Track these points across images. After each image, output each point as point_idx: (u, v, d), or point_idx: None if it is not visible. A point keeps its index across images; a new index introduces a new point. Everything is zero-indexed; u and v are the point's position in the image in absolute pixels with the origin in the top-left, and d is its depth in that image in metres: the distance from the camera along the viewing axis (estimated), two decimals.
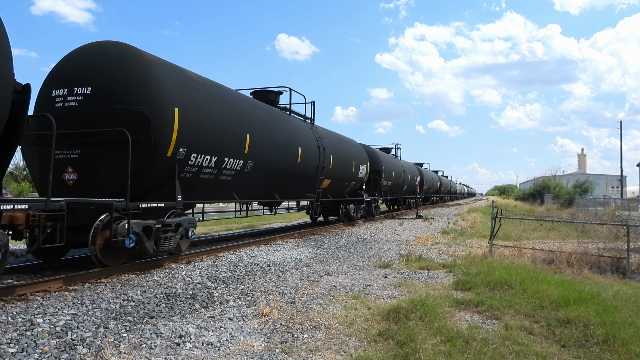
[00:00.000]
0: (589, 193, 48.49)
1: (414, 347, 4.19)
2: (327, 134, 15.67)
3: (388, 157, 24.43)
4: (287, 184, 12.76)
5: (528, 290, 6.38)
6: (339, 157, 15.93)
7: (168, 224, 7.87)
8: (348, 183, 17.37)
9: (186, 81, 8.47)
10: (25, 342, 4.14)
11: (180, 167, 8.16)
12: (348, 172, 16.96)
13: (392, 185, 24.10)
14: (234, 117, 9.69)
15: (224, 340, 4.49)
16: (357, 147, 18.87)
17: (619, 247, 9.95)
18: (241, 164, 9.84)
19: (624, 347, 4.33)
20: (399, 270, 8.53)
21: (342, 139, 17.53)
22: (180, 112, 7.86)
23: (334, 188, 16.05)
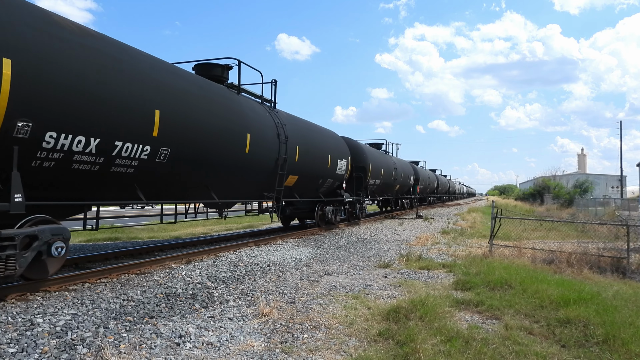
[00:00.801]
0: (589, 193, 48.47)
1: (414, 347, 4.19)
2: (293, 121, 12.91)
3: (376, 152, 21.60)
4: (231, 181, 10.05)
5: (528, 290, 6.38)
6: (309, 149, 13.24)
7: (8, 236, 5.40)
8: (323, 181, 14.78)
9: (40, 25, 5.73)
10: (25, 342, 4.14)
11: (25, 152, 5.55)
12: (321, 167, 14.24)
13: (381, 185, 21.67)
14: (134, 85, 7.02)
15: (224, 340, 4.49)
16: (334, 139, 16.14)
17: (619, 247, 9.95)
18: (148, 152, 7.26)
19: (624, 347, 4.33)
20: (399, 270, 8.53)
21: (313, 127, 14.70)
22: (18, 66, 5.25)
23: (303, 186, 13.51)
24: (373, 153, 20.57)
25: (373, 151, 21.02)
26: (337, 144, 16.16)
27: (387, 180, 22.65)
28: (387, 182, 22.66)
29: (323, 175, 14.60)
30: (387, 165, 22.61)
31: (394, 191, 25.45)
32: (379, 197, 23.17)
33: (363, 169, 18.40)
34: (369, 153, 19.33)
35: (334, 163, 15.13)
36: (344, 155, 16.32)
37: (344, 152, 16.53)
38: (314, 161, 13.65)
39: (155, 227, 17.00)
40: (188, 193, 9.09)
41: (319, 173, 14.27)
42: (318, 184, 14.63)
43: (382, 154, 23.55)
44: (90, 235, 13.99)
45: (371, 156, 19.54)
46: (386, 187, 23.16)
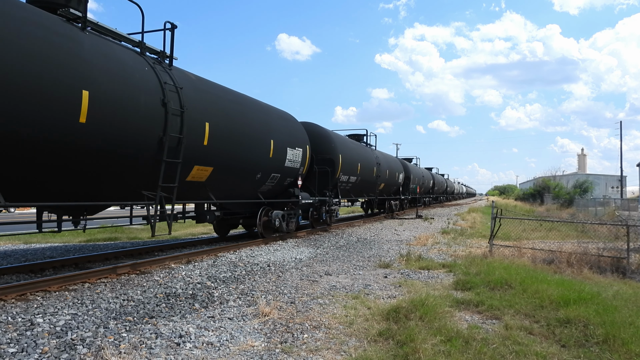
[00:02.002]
0: (589, 193, 48.47)
1: (414, 347, 4.19)
2: (203, 87, 8.93)
3: (351, 144, 17.71)
4: (64, 173, 6.39)
5: (528, 290, 6.38)
6: (233, 130, 9.39)
7: None
8: (263, 176, 11.03)
9: None
10: (25, 342, 4.14)
11: None
12: (258, 156, 10.51)
13: (359, 183, 18.16)
14: None
15: (224, 340, 4.49)
16: (284, 121, 12.32)
17: (619, 247, 9.94)
18: None
19: (624, 347, 4.33)
20: (399, 270, 8.53)
21: (245, 101, 10.54)
22: None
23: (225, 183, 9.77)
24: (346, 144, 16.74)
25: (346, 141, 17.08)
26: (288, 128, 12.27)
27: (367, 178, 19.03)
28: (366, 180, 19.03)
29: (262, 168, 10.81)
30: (367, 160, 18.87)
31: (376, 190, 21.27)
32: (356, 197, 19.60)
33: (330, 163, 14.86)
34: (339, 143, 15.68)
35: (280, 152, 11.45)
36: (298, 142, 12.51)
37: (300, 139, 12.71)
38: (242, 147, 9.72)
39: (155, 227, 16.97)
40: None
41: (254, 165, 10.43)
42: (255, 181, 10.83)
43: (361, 146, 19.50)
44: (90, 235, 14.00)
45: (342, 147, 15.91)
46: (366, 186, 19.54)
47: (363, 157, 18.59)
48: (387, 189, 23.67)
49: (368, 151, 20.14)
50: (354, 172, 17.24)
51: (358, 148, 18.63)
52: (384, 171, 21.69)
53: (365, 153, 19.33)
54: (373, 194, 21.24)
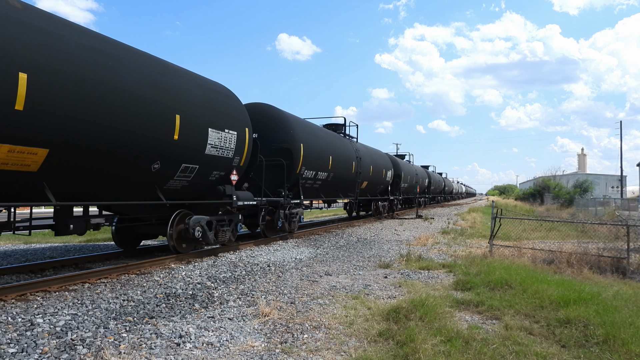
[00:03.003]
0: (589, 193, 48.47)
1: (414, 347, 4.19)
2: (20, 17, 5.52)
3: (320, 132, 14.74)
4: None
5: (528, 290, 6.38)
6: (78, 89, 6.06)
7: None
8: (160, 166, 7.70)
9: None
10: (25, 342, 4.14)
11: None
12: (144, 136, 7.20)
13: (331, 180, 15.12)
14: None
15: (224, 340, 4.49)
16: (202, 90, 8.84)
17: (619, 247, 9.94)
18: None
19: (624, 347, 4.33)
20: (399, 270, 8.53)
21: (109, 46, 6.91)
22: None
23: (79, 175, 6.60)
24: (311, 131, 13.70)
25: (311, 129, 13.91)
26: (213, 102, 8.86)
27: (344, 174, 16.08)
28: (342, 177, 16.07)
29: (162, 155, 7.57)
30: (343, 153, 15.97)
31: (357, 190, 18.13)
32: (328, 197, 16.49)
33: (287, 154, 12.15)
34: (299, 129, 12.75)
35: (195, 134, 8.16)
36: (231, 123, 9.22)
37: (234, 120, 9.37)
38: (113, 119, 6.55)
39: None
40: None
41: (143, 149, 7.22)
42: (151, 173, 7.62)
43: (334, 136, 16.35)
44: (90, 235, 14.00)
45: (305, 135, 13.00)
46: (342, 184, 16.53)
47: (337, 149, 15.51)
48: (371, 188, 20.56)
49: (345, 143, 16.90)
50: (322, 166, 14.09)
51: (330, 138, 15.40)
52: (366, 167, 18.64)
53: (341, 145, 16.23)
54: (353, 194, 18.00)
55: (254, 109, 12.01)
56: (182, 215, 8.76)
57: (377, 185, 21.47)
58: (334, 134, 16.68)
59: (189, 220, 8.74)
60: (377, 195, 22.55)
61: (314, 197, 15.55)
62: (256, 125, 11.27)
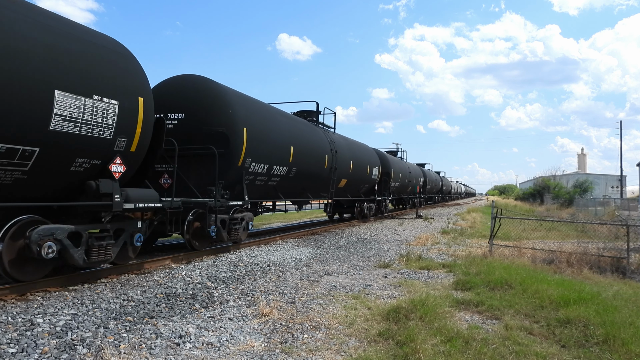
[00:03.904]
0: (589, 193, 48.49)
1: (414, 347, 4.19)
2: None
3: (277, 116, 11.92)
4: None
5: (528, 290, 6.38)
6: None
7: None
8: None
9: None
10: (25, 342, 4.14)
11: None
12: None
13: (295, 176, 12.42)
14: None
15: (224, 340, 4.49)
16: (38, 29, 5.56)
17: (619, 247, 9.95)
18: None
19: (624, 347, 4.33)
20: (399, 270, 8.53)
21: None
22: None
23: None
24: (260, 112, 10.81)
25: (261, 109, 11.05)
26: (64, 52, 5.86)
27: (313, 170, 13.43)
28: (311, 173, 13.42)
29: None
30: (311, 144, 13.37)
31: (331, 189, 15.20)
32: (289, 197, 13.43)
33: (223, 140, 9.28)
34: (241, 109, 9.91)
35: (33, 97, 5.41)
36: (102, 87, 6.30)
37: (105, 80, 6.39)
38: None
39: None
40: None
41: None
42: None
43: (300, 123, 13.47)
44: None
45: (250, 116, 10.17)
46: (311, 182, 13.80)
47: (303, 139, 12.75)
48: (352, 187, 17.79)
49: (316, 132, 14.07)
50: (280, 159, 11.36)
51: (292, 124, 12.49)
52: (344, 162, 15.94)
53: (309, 134, 13.39)
54: (326, 194, 15.14)
55: (180, 82, 9.77)
56: (21, 225, 5.75)
57: (360, 183, 18.63)
58: (299, 119, 13.65)
59: (32, 232, 5.69)
60: (361, 196, 19.63)
61: (268, 198, 12.29)
62: (182, 102, 9.55)
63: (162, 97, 9.38)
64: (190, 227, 9.02)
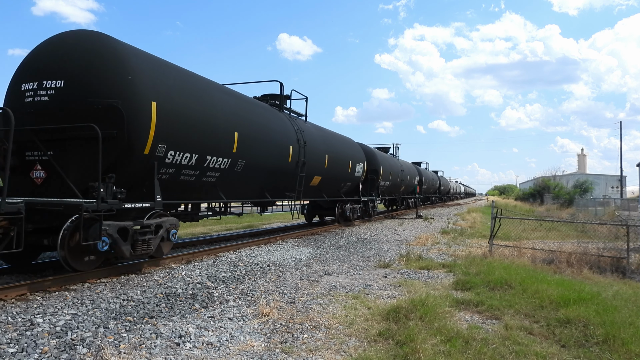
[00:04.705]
0: (589, 193, 48.49)
1: (414, 347, 4.19)
2: None
3: (201, 83, 8.98)
4: None
5: (528, 290, 6.38)
6: None
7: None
8: None
9: None
10: (25, 342, 4.14)
11: None
12: None
13: (244, 170, 9.96)
14: None
15: (223, 340, 4.49)
16: None
17: (619, 247, 9.95)
18: None
19: (623, 347, 4.33)
20: (399, 270, 8.53)
21: None
22: None
23: None
24: (181, 81, 8.25)
25: (184, 78, 8.44)
26: None
27: (271, 163, 10.95)
28: (269, 167, 10.95)
29: None
30: (271, 131, 11.00)
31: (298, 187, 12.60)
32: (235, 198, 10.76)
33: (115, 117, 6.80)
34: (149, 74, 7.45)
35: None
36: None
37: None
38: None
39: None
40: None
41: None
42: None
43: (257, 106, 11.06)
44: None
45: (163, 84, 7.68)
46: (272, 179, 11.40)
47: (257, 124, 10.36)
48: (329, 185, 15.29)
49: (277, 118, 11.63)
50: (218, 149, 8.82)
51: (239, 104, 9.99)
52: (317, 156, 13.51)
53: (268, 119, 10.99)
54: (292, 193, 12.53)
55: (64, 40, 7.32)
56: None
57: (339, 182, 16.11)
58: (251, 100, 10.98)
59: None
60: (342, 196, 16.99)
61: (204, 198, 9.55)
62: (62, 65, 7.04)
63: (38, 61, 7.27)
64: (68, 239, 6.40)
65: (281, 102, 13.04)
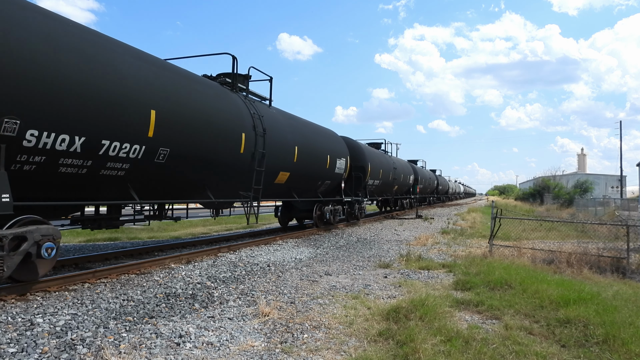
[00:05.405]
0: (589, 193, 48.49)
1: (414, 347, 4.19)
2: None
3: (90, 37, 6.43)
4: None
5: (528, 290, 6.39)
6: None
7: None
8: None
9: None
10: (25, 342, 4.14)
11: None
12: None
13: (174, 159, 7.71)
14: None
15: (223, 340, 4.49)
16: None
17: (619, 247, 9.95)
18: None
19: (623, 347, 4.33)
20: (399, 270, 8.53)
21: None
22: None
23: None
24: (62, 31, 5.94)
25: (67, 29, 6.06)
26: None
27: (203, 152, 8.51)
28: (200, 157, 8.46)
29: None
30: (213, 112, 8.83)
31: (255, 185, 10.31)
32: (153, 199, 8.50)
33: None
34: None
35: None
36: None
37: None
38: None
39: (155, 227, 17.00)
40: None
41: None
42: None
43: (196, 81, 8.81)
44: (90, 235, 14.00)
45: (17, 24, 5.27)
46: (213, 173, 9.13)
47: (189, 102, 8.06)
48: (301, 183, 13.15)
49: (224, 98, 9.48)
50: (124, 131, 6.70)
51: (159, 73, 7.59)
52: (284, 148, 11.50)
53: (208, 98, 8.80)
54: (247, 191, 10.26)
55: None
56: None
57: (314, 179, 13.93)
58: (183, 73, 8.58)
59: None
60: (319, 196, 14.96)
61: (103, 198, 7.33)
62: None
63: None
64: None
65: (234, 81, 10.54)
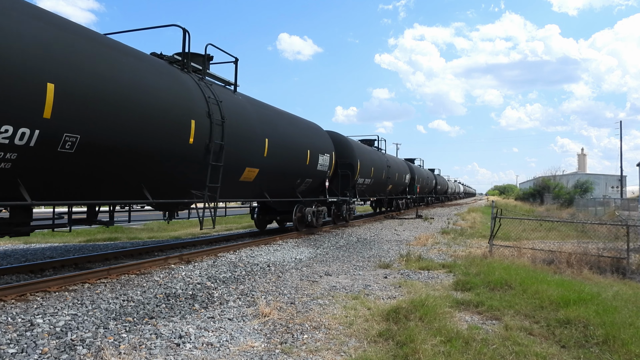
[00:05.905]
0: (589, 193, 48.50)
1: (414, 348, 4.19)
2: None
3: None
4: None
5: (528, 290, 6.38)
6: None
7: None
8: None
9: None
10: (25, 343, 4.14)
11: None
12: None
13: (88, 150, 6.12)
14: None
15: (223, 340, 4.49)
16: None
17: (619, 247, 9.94)
18: None
19: (623, 348, 4.33)
20: (399, 270, 8.53)
21: None
22: None
23: None
24: None
25: None
26: None
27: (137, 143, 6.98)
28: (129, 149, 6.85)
29: None
30: (142, 90, 7.09)
31: (210, 182, 8.80)
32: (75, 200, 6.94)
33: None
34: None
35: None
36: None
37: None
38: None
39: (155, 227, 17.00)
40: None
41: None
42: None
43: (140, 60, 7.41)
44: (90, 235, 14.01)
45: None
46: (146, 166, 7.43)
47: (98, 72, 6.30)
48: (275, 182, 11.86)
49: (159, 73, 7.78)
50: (3, 110, 5.06)
51: (41, 28, 5.61)
52: (251, 141, 10.22)
53: (139, 73, 7.21)
54: (200, 190, 8.88)
55: None
56: None
57: (292, 177, 12.58)
58: (106, 41, 6.99)
59: None
60: (298, 196, 13.44)
61: None
62: None
63: None
64: None
65: (185, 60, 8.95)
